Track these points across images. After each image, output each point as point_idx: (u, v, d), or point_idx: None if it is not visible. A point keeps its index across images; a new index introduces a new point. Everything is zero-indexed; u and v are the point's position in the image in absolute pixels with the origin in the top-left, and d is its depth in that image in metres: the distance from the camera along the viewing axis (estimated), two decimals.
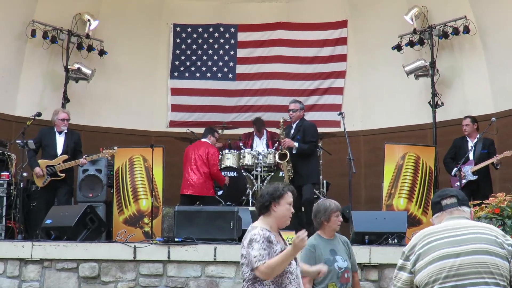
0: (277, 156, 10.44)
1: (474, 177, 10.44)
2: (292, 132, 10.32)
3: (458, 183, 10.27)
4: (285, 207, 4.94)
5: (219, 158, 11.49)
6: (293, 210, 5.00)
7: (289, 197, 4.97)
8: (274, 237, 4.86)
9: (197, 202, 10.83)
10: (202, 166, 10.78)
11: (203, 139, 11.22)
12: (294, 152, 10.08)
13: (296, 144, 10.09)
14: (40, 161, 10.26)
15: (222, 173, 11.40)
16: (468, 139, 10.85)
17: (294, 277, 4.86)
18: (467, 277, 3.75)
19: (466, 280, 3.74)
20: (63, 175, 10.24)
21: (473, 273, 3.75)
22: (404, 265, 3.98)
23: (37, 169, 10.15)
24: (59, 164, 10.20)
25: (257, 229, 4.86)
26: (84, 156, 10.37)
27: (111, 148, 10.41)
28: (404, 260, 3.99)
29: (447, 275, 3.77)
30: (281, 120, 10.48)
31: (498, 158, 10.22)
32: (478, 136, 10.72)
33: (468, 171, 10.48)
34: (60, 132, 10.46)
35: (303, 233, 4.73)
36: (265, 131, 12.61)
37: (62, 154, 10.33)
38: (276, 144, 11.90)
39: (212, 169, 10.83)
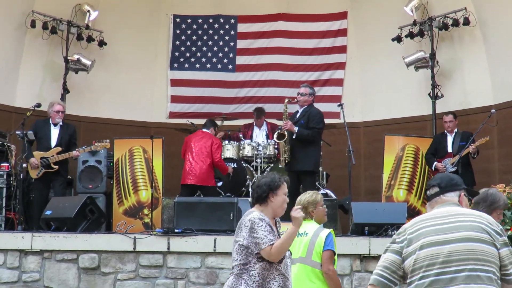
0: (275, 136, 10.30)
1: (453, 169, 10.41)
2: (297, 115, 10.15)
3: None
4: (282, 198, 5.04)
5: None
6: (288, 200, 5.10)
7: (285, 188, 5.07)
8: (270, 224, 4.96)
9: (198, 193, 10.82)
10: (205, 156, 10.70)
11: (204, 130, 11.18)
12: (294, 137, 9.89)
13: (296, 128, 9.88)
14: (34, 152, 10.25)
15: None
16: (447, 133, 10.93)
17: (279, 273, 4.92)
18: (453, 264, 3.75)
19: (453, 267, 3.75)
20: (56, 167, 10.20)
21: (460, 260, 3.76)
22: (389, 246, 3.99)
23: (32, 160, 10.14)
24: (53, 156, 10.17)
25: (255, 213, 4.97)
26: (76, 149, 10.33)
27: (103, 140, 10.37)
28: (390, 243, 4.01)
29: (434, 262, 3.78)
30: (286, 100, 10.36)
31: (473, 147, 10.27)
32: (456, 130, 10.85)
33: (448, 163, 10.51)
34: (55, 124, 10.42)
35: (296, 210, 4.92)
36: (265, 122, 12.60)
37: (56, 146, 10.30)
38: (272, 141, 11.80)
39: (216, 159, 10.78)
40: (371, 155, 12.91)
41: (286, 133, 9.90)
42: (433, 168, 10.73)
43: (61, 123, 10.46)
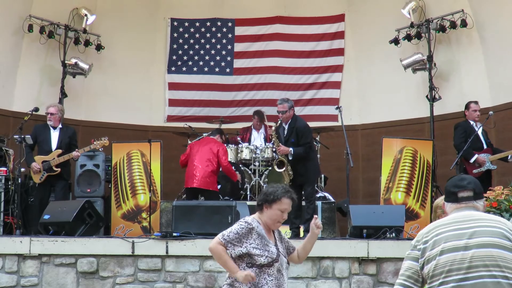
0: (275, 167, 10.23)
1: (494, 167, 10.14)
2: (285, 133, 10.00)
3: (476, 171, 10.06)
4: (275, 212, 5.00)
5: None
6: (285, 217, 5.06)
7: (283, 204, 5.00)
8: (262, 230, 4.97)
9: (201, 198, 10.76)
10: (209, 161, 10.61)
11: (211, 137, 11.11)
12: (290, 158, 9.82)
13: (291, 149, 9.77)
14: (36, 157, 10.24)
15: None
16: (474, 125, 10.48)
17: (272, 278, 4.93)
18: (474, 270, 3.72)
19: (474, 273, 3.72)
20: (58, 169, 10.18)
21: (480, 266, 3.72)
22: (410, 254, 3.96)
23: (33, 164, 10.13)
24: (54, 158, 10.17)
25: (250, 217, 5.03)
26: (76, 149, 10.31)
27: (102, 138, 10.34)
28: (411, 250, 3.97)
29: (455, 268, 3.75)
30: (272, 128, 10.26)
31: None
32: (478, 123, 10.47)
33: (488, 160, 10.15)
34: (54, 128, 10.41)
35: (249, 273, 4.87)
36: (263, 125, 12.60)
37: (56, 149, 10.29)
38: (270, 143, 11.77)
39: (224, 163, 10.66)
40: (369, 157, 12.92)
41: (284, 159, 9.86)
42: (472, 160, 10.21)
43: (60, 126, 10.45)
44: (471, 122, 10.49)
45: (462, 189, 3.99)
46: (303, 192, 9.85)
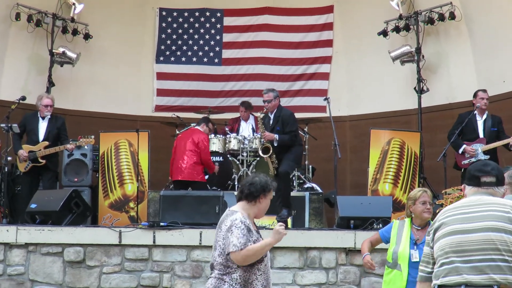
0: (260, 152, 10.25)
1: (486, 157, 9.81)
2: (271, 122, 10.06)
3: (465, 161, 9.96)
4: (267, 202, 5.12)
5: None
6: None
7: (272, 194, 5.15)
8: (251, 225, 4.99)
9: (189, 188, 10.77)
10: (192, 152, 10.64)
11: (196, 127, 11.14)
12: (275, 144, 9.87)
13: (276, 136, 9.83)
14: (23, 146, 10.21)
15: None
16: (477, 115, 10.26)
17: (261, 273, 4.95)
18: (473, 253, 3.83)
19: (471, 256, 3.83)
20: (44, 161, 10.16)
21: (478, 249, 3.82)
22: (428, 240, 4.15)
23: (20, 152, 10.10)
24: (40, 150, 10.14)
25: (238, 214, 4.95)
26: (70, 142, 10.28)
27: (88, 136, 10.31)
28: (426, 236, 4.18)
29: (453, 251, 3.87)
30: (259, 115, 10.28)
31: None
32: (486, 112, 10.24)
33: (479, 150, 10.01)
34: (43, 118, 10.38)
35: (280, 226, 4.93)
36: (251, 116, 12.61)
37: (43, 140, 10.25)
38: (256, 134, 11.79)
39: (204, 156, 10.73)
40: (357, 149, 12.94)
41: (269, 145, 9.87)
42: (460, 151, 10.11)
43: (49, 116, 10.41)
44: (475, 112, 10.24)
45: (486, 174, 4.08)
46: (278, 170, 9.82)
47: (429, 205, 5.88)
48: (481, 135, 10.18)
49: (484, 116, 10.24)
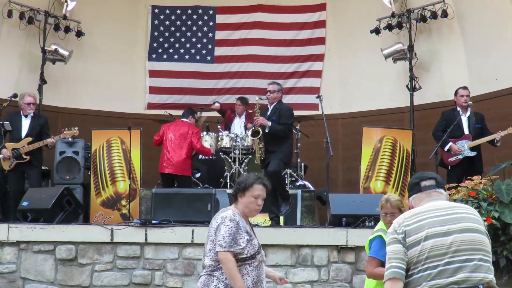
0: (249, 133, 10.27)
1: (473, 153, 9.98)
2: (268, 113, 10.04)
3: (452, 159, 10.05)
4: (249, 200, 5.05)
5: None
6: (260, 203, 5.09)
7: (256, 190, 5.06)
8: (243, 223, 5.00)
9: (175, 184, 10.79)
10: (183, 146, 10.70)
11: (184, 119, 11.16)
12: (266, 130, 9.79)
13: (269, 123, 9.78)
14: (6, 144, 10.20)
15: (200, 156, 11.45)
16: (460, 112, 10.31)
17: (252, 268, 4.95)
18: (460, 253, 3.87)
19: (458, 257, 3.87)
20: (28, 157, 10.16)
21: (466, 250, 3.89)
22: (393, 238, 4.03)
23: (3, 151, 10.10)
24: (23, 146, 10.13)
25: (229, 212, 4.99)
26: (52, 136, 10.27)
27: (71, 128, 10.31)
28: (392, 235, 4.04)
29: (440, 253, 3.88)
30: (257, 99, 10.26)
31: (501, 135, 9.84)
32: (470, 109, 10.27)
33: (465, 146, 10.05)
34: (26, 116, 10.37)
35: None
36: (245, 112, 12.61)
37: (26, 136, 10.25)
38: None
39: (196, 145, 10.80)
40: (349, 146, 12.95)
41: (260, 130, 9.85)
42: (446, 148, 10.13)
43: (32, 114, 10.39)
44: (458, 109, 10.35)
45: (424, 178, 4.22)
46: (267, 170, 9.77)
47: (389, 217, 5.71)
48: (466, 131, 10.25)
49: (468, 113, 10.30)
